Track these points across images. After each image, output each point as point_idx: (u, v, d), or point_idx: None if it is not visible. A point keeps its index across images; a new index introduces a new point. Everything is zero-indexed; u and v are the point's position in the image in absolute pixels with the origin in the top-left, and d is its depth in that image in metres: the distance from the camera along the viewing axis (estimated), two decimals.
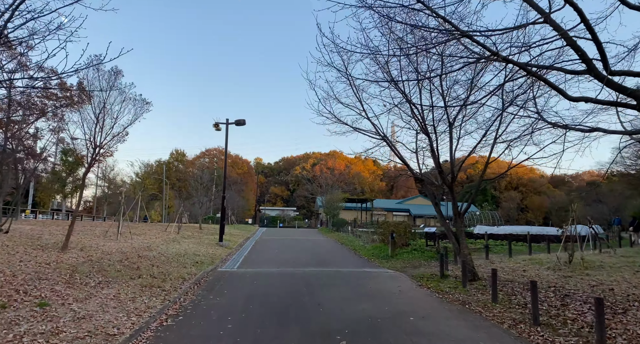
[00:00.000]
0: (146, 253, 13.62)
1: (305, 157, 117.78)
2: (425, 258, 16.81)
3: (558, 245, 22.73)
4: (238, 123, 20.41)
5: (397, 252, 17.43)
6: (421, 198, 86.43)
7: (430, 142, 11.42)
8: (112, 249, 13.35)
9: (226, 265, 14.91)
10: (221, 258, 16.05)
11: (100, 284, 8.56)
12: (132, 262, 11.44)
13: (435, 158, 11.38)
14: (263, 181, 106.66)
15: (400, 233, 18.14)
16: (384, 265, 15.64)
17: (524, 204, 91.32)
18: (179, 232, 23.43)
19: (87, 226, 20.84)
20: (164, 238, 19.37)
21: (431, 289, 10.47)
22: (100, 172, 44.90)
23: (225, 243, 20.16)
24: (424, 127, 11.28)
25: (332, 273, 13.11)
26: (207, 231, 27.91)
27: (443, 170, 11.29)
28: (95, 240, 15.30)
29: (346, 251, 20.94)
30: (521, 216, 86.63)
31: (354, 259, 17.57)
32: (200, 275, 11.67)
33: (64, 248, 11.44)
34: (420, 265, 15.54)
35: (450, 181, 11.26)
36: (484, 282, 10.80)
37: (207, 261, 14.69)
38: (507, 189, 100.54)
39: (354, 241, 24.52)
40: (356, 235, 28.32)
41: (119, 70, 12.18)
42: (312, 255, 18.77)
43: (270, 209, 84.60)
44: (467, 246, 11.16)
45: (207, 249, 17.89)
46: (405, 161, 11.94)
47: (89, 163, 12.43)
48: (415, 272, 13.71)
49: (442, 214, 11.93)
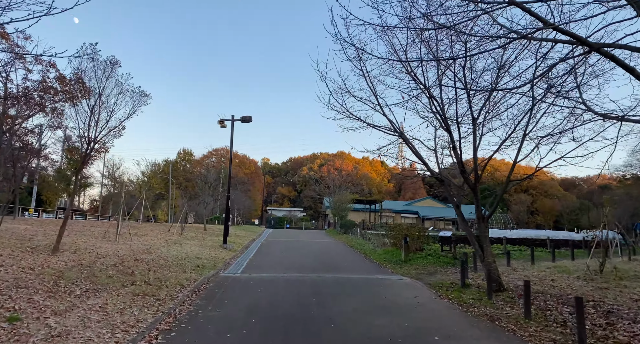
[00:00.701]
0: (144, 256, 12.79)
1: (312, 157, 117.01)
2: (441, 264, 15.80)
3: (582, 250, 21.61)
4: (244, 120, 19.57)
5: (411, 257, 16.44)
6: (430, 200, 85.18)
7: (451, 138, 10.45)
8: (108, 251, 12.53)
9: (229, 269, 14.03)
10: (224, 262, 15.18)
11: (86, 293, 7.69)
12: (127, 266, 10.59)
13: (457, 157, 10.39)
14: (270, 181, 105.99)
15: (413, 236, 17.15)
16: (397, 271, 14.67)
17: (534, 207, 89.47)
18: (182, 233, 22.63)
19: (87, 226, 20.11)
20: (166, 240, 18.56)
21: (453, 301, 9.48)
22: (106, 171, 44.30)
23: (229, 245, 19.30)
24: (444, 123, 10.30)
25: (343, 280, 12.17)
26: (211, 232, 27.12)
27: (465, 169, 10.29)
28: (92, 241, 14.51)
29: (356, 255, 19.98)
30: (531, 220, 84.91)
31: (365, 264, 16.60)
32: (200, 281, 10.79)
33: (54, 251, 10.64)
34: (436, 272, 14.54)
35: (474, 181, 10.27)
36: (511, 294, 9.79)
37: (209, 265, 13.83)
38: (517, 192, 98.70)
39: (363, 244, 23.54)
40: (366, 238, 27.33)
41: (116, 60, 11.37)
42: (320, 259, 17.84)
43: (277, 209, 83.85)
44: (491, 253, 10.16)
45: (210, 252, 17.04)
46: (424, 160, 10.98)
47: (83, 159, 11.63)
48: (432, 280, 12.72)
49: (463, 217, 10.93)
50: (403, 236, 17.02)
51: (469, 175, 10.47)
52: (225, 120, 19.61)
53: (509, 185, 10.23)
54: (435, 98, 10.23)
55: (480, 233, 10.25)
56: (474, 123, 10.16)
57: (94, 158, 12.48)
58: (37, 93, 16.56)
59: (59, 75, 15.75)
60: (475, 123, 10.18)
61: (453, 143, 10.41)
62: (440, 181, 11.00)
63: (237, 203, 49.10)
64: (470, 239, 10.41)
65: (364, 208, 54.26)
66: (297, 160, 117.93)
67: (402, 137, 11.00)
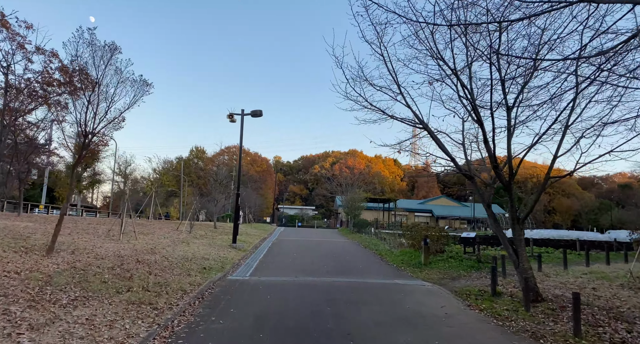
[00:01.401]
0: (147, 257, 11.97)
1: (324, 155, 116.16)
2: (465, 267, 14.71)
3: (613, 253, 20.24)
4: (254, 114, 18.68)
5: (431, 260, 15.38)
6: (444, 198, 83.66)
7: (482, 130, 9.37)
8: (109, 252, 11.74)
9: (238, 271, 13.15)
10: (233, 263, 14.32)
11: (74, 301, 6.85)
12: (125, 269, 9.76)
13: (489, 150, 9.31)
14: (282, 179, 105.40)
15: (434, 238, 16.07)
16: (417, 275, 13.63)
17: (551, 206, 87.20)
18: (190, 231, 21.87)
19: (93, 224, 19.46)
20: (173, 239, 17.79)
21: (485, 313, 8.44)
22: (117, 167, 43.95)
23: (239, 245, 18.45)
24: (474, 112, 9.23)
25: (359, 285, 11.19)
26: (222, 231, 26.35)
27: (498, 165, 9.21)
28: (94, 240, 13.77)
29: (371, 256, 18.97)
30: (548, 219, 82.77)
31: (382, 267, 15.59)
32: (205, 285, 9.92)
33: (48, 252, 9.86)
34: (459, 277, 13.48)
35: (508, 179, 9.19)
36: (551, 304, 8.69)
37: (216, 266, 12.97)
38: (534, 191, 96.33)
39: (378, 244, 22.52)
40: (380, 238, 26.28)
41: (117, 46, 10.53)
42: (334, 260, 16.88)
43: (288, 208, 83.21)
44: (527, 258, 9.08)
45: (218, 252, 16.20)
46: (451, 154, 9.92)
47: (80, 153, 10.85)
48: (456, 286, 11.67)
49: (495, 217, 9.85)
50: (422, 238, 15.95)
51: (501, 170, 9.39)
52: (235, 114, 18.76)
53: (547, 182, 9.12)
54: (465, 85, 9.16)
55: (515, 236, 9.17)
56: (509, 112, 9.07)
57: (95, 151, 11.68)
58: (39, 84, 15.90)
59: (61, 66, 15.05)
60: (510, 112, 9.09)
61: (485, 136, 9.34)
62: (469, 178, 9.93)
63: (248, 201, 48.40)
64: (503, 242, 9.33)
65: (377, 207, 53.15)
66: (309, 158, 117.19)
67: (426, 129, 9.97)
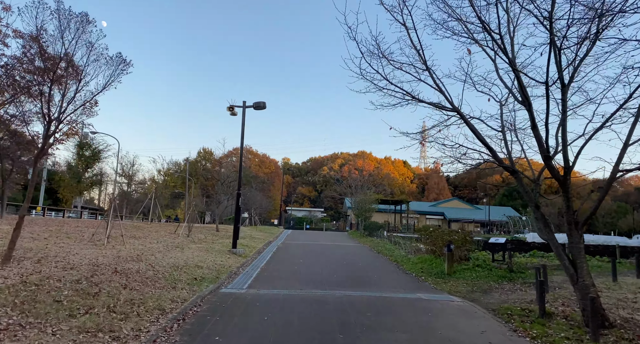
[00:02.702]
0: (129, 266, 10.32)
1: (333, 157, 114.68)
2: (494, 278, 12.84)
3: None
4: (257, 106, 17.01)
5: (455, 269, 13.54)
6: (456, 200, 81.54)
7: (530, 113, 7.55)
8: (84, 260, 10.11)
9: (234, 282, 11.44)
10: (230, 272, 12.63)
11: (4, 332, 5.18)
12: (95, 282, 8.10)
13: (539, 138, 7.49)
14: (290, 181, 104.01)
15: (458, 243, 14.22)
16: (441, 287, 11.80)
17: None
18: (189, 235, 20.25)
19: (81, 227, 17.93)
20: (167, 243, 16.16)
21: (539, 342, 6.62)
22: (120, 168, 42.65)
23: (239, 250, 16.76)
24: (521, 92, 7.43)
25: (377, 301, 9.42)
26: (224, 234, 24.73)
27: (551, 156, 7.39)
28: (72, 246, 12.18)
29: (386, 263, 17.14)
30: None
31: (400, 276, 13.78)
32: (191, 301, 8.24)
33: (4, 261, 8.25)
34: (490, 289, 11.62)
35: (563, 173, 7.37)
36: (624, 332, 6.83)
37: (210, 276, 11.30)
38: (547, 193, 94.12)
39: (393, 250, 20.70)
40: (394, 242, 24.43)
41: (90, 19, 8.94)
42: (345, 268, 15.10)
43: (297, 209, 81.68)
44: (589, 272, 7.25)
45: (215, 258, 14.53)
46: (489, 144, 8.13)
47: (43, 144, 9.22)
48: (491, 301, 9.85)
49: (546, 220, 8.02)
50: (445, 243, 14.12)
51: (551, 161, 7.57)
52: (236, 106, 17.11)
53: (616, 176, 7.27)
54: (508, 53, 7.36)
55: (573, 244, 7.34)
56: (564, 90, 7.25)
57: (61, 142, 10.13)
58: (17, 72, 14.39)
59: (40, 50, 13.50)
60: (567, 90, 7.28)
61: (533, 119, 7.53)
62: (512, 173, 8.12)
63: (255, 202, 46.81)
64: (558, 252, 7.49)
65: (388, 209, 51.25)
66: (318, 159, 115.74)
67: (458, 114, 8.19)
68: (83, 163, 36.65)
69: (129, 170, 43.34)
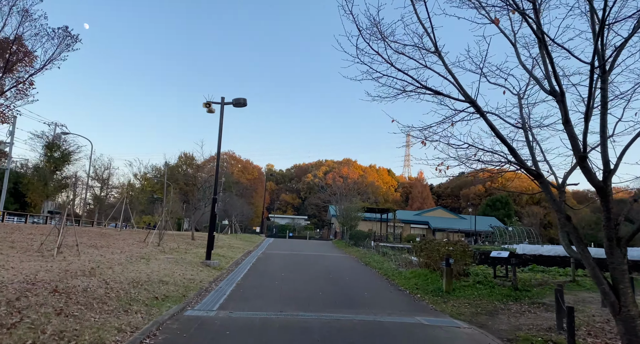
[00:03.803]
0: (75, 283, 8.62)
1: (317, 164, 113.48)
2: (498, 297, 11.49)
3: None
4: (237, 103, 15.47)
5: (454, 285, 12.16)
6: (441, 210, 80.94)
7: (563, 105, 6.23)
8: (18, 276, 8.38)
9: (204, 300, 9.81)
10: (200, 288, 10.99)
11: None
12: (17, 308, 6.40)
13: (572, 135, 6.17)
14: (274, 188, 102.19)
15: (456, 257, 12.87)
16: (441, 308, 10.38)
17: (547, 220, 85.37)
18: (159, 244, 18.46)
19: (35, 234, 16.00)
20: (132, 254, 14.41)
21: None
22: (93, 171, 40.31)
23: (214, 262, 15.08)
24: (554, 79, 6.11)
25: (370, 327, 7.93)
26: (200, 243, 22.99)
27: (587, 156, 6.08)
28: (13, 257, 10.40)
29: (376, 278, 15.68)
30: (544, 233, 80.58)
31: (393, 294, 12.31)
32: (144, 330, 6.61)
33: None
34: (496, 311, 10.24)
35: (603, 178, 6.05)
36: None
37: (175, 294, 9.66)
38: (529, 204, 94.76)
39: (382, 262, 19.25)
40: (382, 253, 23.03)
41: None
42: (331, 283, 13.59)
43: (280, 217, 79.91)
44: (634, 300, 5.91)
45: (185, 271, 12.86)
46: (509, 143, 6.79)
47: None
48: (502, 328, 8.46)
49: (579, 234, 6.68)
50: (442, 256, 12.76)
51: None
52: (214, 102, 15.54)
53: None
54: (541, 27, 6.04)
55: (614, 265, 6.01)
56: (604, 76, 5.96)
57: None
58: None
59: None
60: (607, 76, 6.01)
61: (566, 114, 6.21)
62: (536, 177, 6.78)
63: (236, 209, 44.94)
64: (594, 274, 6.13)
65: (373, 217, 49.98)
66: (302, 166, 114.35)
67: (473, 106, 6.85)
68: (51, 165, 34.27)
69: (102, 173, 40.99)
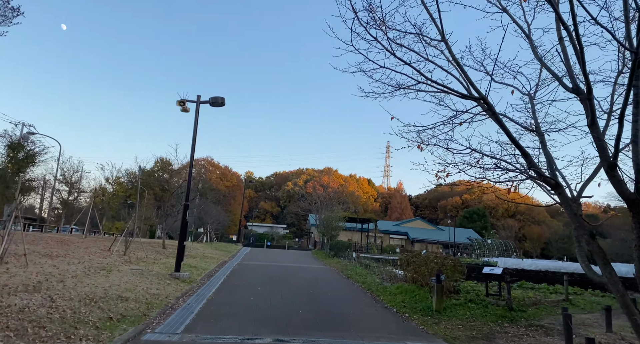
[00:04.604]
0: (13, 301, 7.30)
1: (298, 172, 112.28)
2: (493, 318, 10.60)
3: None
4: (214, 102, 14.32)
5: (445, 304, 11.23)
6: (420, 221, 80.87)
7: (590, 103, 5.41)
8: None
9: (168, 320, 8.58)
10: (165, 305, 9.73)
11: None
12: None
13: (598, 137, 5.33)
14: (253, 195, 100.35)
15: (447, 272, 11.96)
16: (434, 330, 9.41)
17: (522, 233, 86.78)
18: (125, 252, 17.00)
19: None
20: (92, 264, 12.99)
21: None
22: (61, 174, 38.08)
23: (183, 274, 13.77)
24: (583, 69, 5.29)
25: None
26: (171, 252, 21.50)
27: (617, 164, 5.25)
28: None
29: (360, 293, 14.62)
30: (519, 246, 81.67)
31: (379, 313, 11.28)
32: None
33: None
34: (493, 334, 9.32)
35: (635, 189, 5.22)
36: None
37: (134, 313, 8.41)
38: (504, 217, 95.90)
39: (364, 275, 18.23)
40: (364, 265, 22.03)
41: None
42: (312, 300, 12.47)
43: (258, 225, 78.18)
44: None
45: (150, 285, 11.55)
46: (522, 147, 5.94)
47: None
48: None
49: (605, 255, 5.81)
50: (432, 271, 11.83)
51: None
52: (189, 101, 14.36)
53: None
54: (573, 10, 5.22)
55: None
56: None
57: None
58: None
59: None
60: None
61: (593, 114, 5.39)
62: (553, 187, 5.92)
63: (212, 217, 43.31)
64: (623, 302, 5.26)
65: (354, 227, 49.10)
66: (282, 175, 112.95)
67: (485, 104, 5.98)
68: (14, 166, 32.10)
69: (71, 176, 38.78)
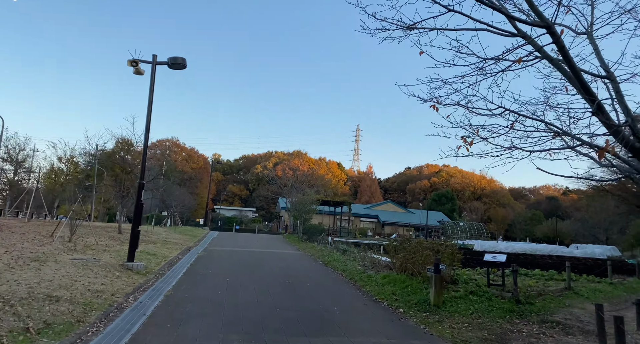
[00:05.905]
0: None
1: (267, 155, 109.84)
2: (500, 312, 9.25)
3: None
4: (173, 63, 12.05)
5: (444, 297, 9.79)
6: (390, 203, 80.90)
7: None
8: None
9: (110, 328, 6.66)
10: (110, 305, 7.79)
11: None
12: None
13: None
14: (221, 178, 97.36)
15: (445, 260, 10.52)
16: (437, 330, 7.91)
17: (487, 215, 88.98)
18: (70, 239, 14.72)
19: None
20: (24, 253, 10.79)
21: None
22: (5, 152, 34.34)
23: (137, 265, 11.75)
24: None
25: None
26: (128, 238, 19.19)
27: None
28: None
29: (343, 283, 13.04)
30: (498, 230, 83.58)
31: (369, 309, 9.71)
32: None
33: None
34: (505, 334, 7.92)
35: None
36: None
37: (64, 319, 6.46)
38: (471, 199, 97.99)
39: (343, 261, 16.66)
40: (341, 250, 20.54)
41: None
42: (291, 294, 10.76)
43: (226, 209, 75.81)
44: None
45: (94, 279, 9.52)
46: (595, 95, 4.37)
47: None
48: None
49: None
50: (427, 259, 10.37)
51: None
52: (142, 61, 12.06)
53: None
54: None
55: None
56: None
57: None
58: None
59: None
60: None
61: None
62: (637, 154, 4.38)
63: (177, 199, 40.77)
64: None
65: (326, 210, 47.75)
66: (251, 157, 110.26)
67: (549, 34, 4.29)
68: None
69: (17, 154, 35.09)
